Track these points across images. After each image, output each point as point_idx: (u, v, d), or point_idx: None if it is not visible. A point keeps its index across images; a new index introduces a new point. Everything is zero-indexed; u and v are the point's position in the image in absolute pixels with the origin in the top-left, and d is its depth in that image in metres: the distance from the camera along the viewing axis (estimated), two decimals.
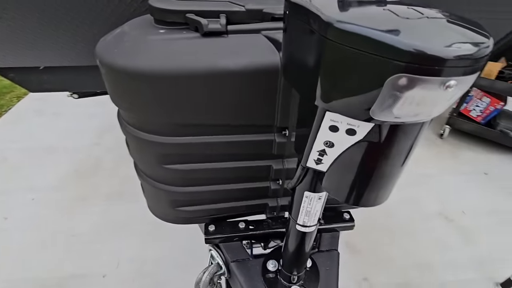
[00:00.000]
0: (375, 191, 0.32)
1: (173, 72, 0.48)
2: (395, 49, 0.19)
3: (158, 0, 0.55)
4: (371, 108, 0.22)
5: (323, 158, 0.31)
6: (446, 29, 0.21)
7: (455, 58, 0.19)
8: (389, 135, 0.26)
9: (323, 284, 0.68)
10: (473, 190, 2.07)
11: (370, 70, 0.21)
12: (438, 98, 0.21)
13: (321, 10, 0.25)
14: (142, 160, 0.67)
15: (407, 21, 0.21)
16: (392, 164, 0.29)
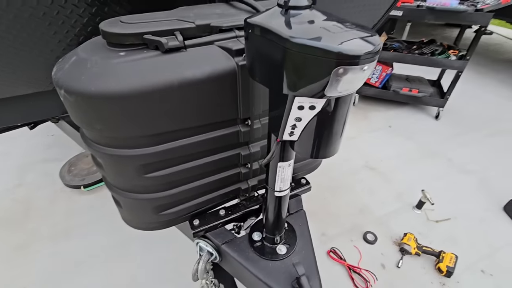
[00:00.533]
0: (330, 144, 0.46)
1: (147, 89, 0.54)
2: (335, 53, 0.33)
3: (110, 25, 0.60)
4: (324, 90, 0.36)
5: (295, 130, 0.45)
6: (357, 36, 0.36)
7: (365, 53, 0.33)
8: (335, 105, 0.41)
9: (300, 237, 0.84)
10: (384, 141, 2.57)
11: (320, 66, 0.34)
12: (360, 77, 0.35)
13: (279, 30, 0.37)
14: (120, 176, 0.70)
15: (336, 34, 0.35)
16: (338, 124, 0.44)
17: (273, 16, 0.41)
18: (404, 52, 2.72)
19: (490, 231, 1.80)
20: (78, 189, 2.00)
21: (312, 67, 0.35)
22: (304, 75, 0.37)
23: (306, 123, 0.43)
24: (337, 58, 0.33)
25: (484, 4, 2.24)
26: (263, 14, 0.43)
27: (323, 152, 0.47)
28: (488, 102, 3.19)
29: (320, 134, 0.44)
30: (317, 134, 0.44)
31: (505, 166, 2.30)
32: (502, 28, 5.45)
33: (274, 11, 0.42)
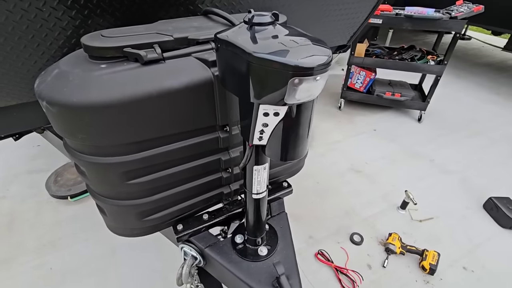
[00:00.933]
0: (297, 147, 0.50)
1: (128, 98, 0.57)
2: (290, 66, 0.37)
3: (92, 39, 0.63)
4: (284, 98, 0.40)
5: (263, 135, 0.48)
6: (311, 50, 0.40)
7: (317, 66, 0.38)
8: (297, 111, 0.45)
9: (281, 238, 0.87)
10: (369, 144, 2.64)
11: (278, 77, 0.38)
12: (314, 86, 0.39)
13: (244, 45, 0.41)
14: (103, 183, 0.72)
15: (291, 49, 0.39)
16: (303, 128, 0.48)
17: (239, 32, 0.45)
18: (385, 58, 2.82)
19: (470, 229, 1.86)
20: (64, 199, 1.98)
21: (272, 78, 0.39)
22: (266, 85, 0.41)
23: (272, 128, 0.46)
24: (292, 70, 0.37)
25: (458, 12, 2.36)
26: (231, 29, 0.47)
27: (291, 154, 0.51)
28: (467, 104, 3.32)
29: (287, 138, 0.48)
30: (284, 138, 0.48)
31: (483, 165, 2.39)
32: (480, 33, 5.70)
33: (241, 27, 0.46)
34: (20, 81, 0.80)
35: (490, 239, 1.80)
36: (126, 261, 1.64)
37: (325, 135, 2.75)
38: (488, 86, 3.74)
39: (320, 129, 2.83)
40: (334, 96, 3.38)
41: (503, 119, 3.05)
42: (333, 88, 3.58)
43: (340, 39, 1.62)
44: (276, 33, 0.44)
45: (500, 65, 4.36)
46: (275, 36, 0.43)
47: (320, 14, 1.31)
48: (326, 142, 2.65)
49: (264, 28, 0.44)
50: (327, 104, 3.26)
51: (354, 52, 2.77)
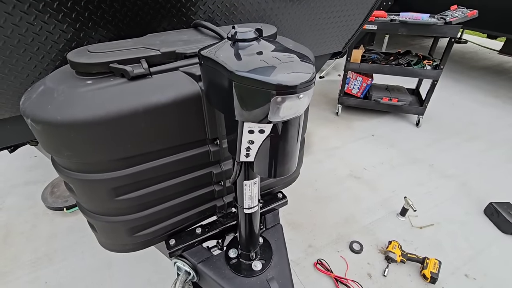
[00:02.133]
0: (285, 164, 0.49)
1: (114, 115, 0.56)
2: (272, 85, 0.36)
3: (77, 55, 0.62)
4: (268, 116, 0.39)
5: (249, 152, 0.47)
6: (294, 67, 0.39)
7: (300, 83, 0.37)
8: (283, 128, 0.43)
9: (276, 251, 0.86)
10: (367, 150, 2.63)
11: (261, 95, 0.37)
12: (297, 104, 0.38)
13: (226, 62, 0.40)
14: (92, 200, 0.71)
15: (273, 66, 0.38)
16: (290, 145, 0.47)
17: (222, 49, 0.44)
18: (382, 63, 2.82)
19: (471, 235, 1.84)
20: (61, 211, 1.96)
21: (254, 96, 0.38)
22: (248, 103, 0.40)
23: (258, 146, 0.45)
24: (275, 89, 0.36)
25: (453, 17, 2.37)
26: (215, 46, 0.46)
27: (280, 171, 0.50)
28: (465, 107, 3.32)
29: (274, 155, 0.47)
30: (271, 155, 0.47)
31: (483, 170, 2.37)
32: (476, 36, 5.73)
33: (224, 44, 0.45)
34: (13, 94, 0.79)
35: (491, 245, 1.77)
36: (122, 274, 1.61)
37: (323, 141, 2.74)
38: (486, 89, 3.74)
39: (318, 135, 2.82)
40: (331, 102, 3.38)
41: (502, 122, 3.04)
42: (331, 93, 3.58)
43: (335, 46, 1.62)
44: (260, 49, 0.43)
45: (497, 68, 4.37)
46: (259, 53, 0.42)
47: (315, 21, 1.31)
48: (324, 149, 2.63)
49: (248, 44, 0.43)
50: (324, 110, 3.26)
51: (350, 58, 2.78)
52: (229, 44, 0.45)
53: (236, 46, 0.43)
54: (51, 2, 0.68)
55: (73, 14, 0.72)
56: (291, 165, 0.50)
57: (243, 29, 0.44)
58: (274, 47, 0.44)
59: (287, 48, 0.44)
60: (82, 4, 0.72)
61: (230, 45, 0.44)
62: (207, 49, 0.46)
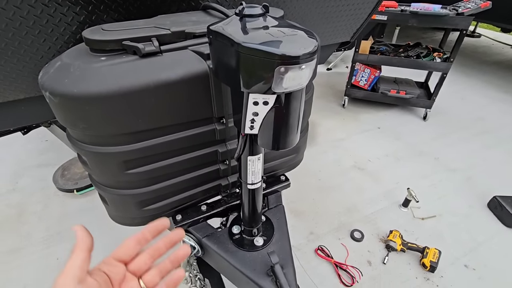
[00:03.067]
0: (288, 136, 0.52)
1: (126, 89, 0.59)
2: (276, 55, 0.38)
3: (92, 32, 0.65)
4: (272, 86, 0.41)
5: (254, 124, 0.50)
6: (298, 40, 0.41)
7: (302, 55, 0.39)
8: (286, 99, 0.46)
9: (277, 229, 0.89)
10: (373, 142, 2.63)
11: (265, 65, 0.40)
12: (300, 75, 0.41)
13: (234, 35, 0.43)
14: (104, 173, 0.74)
15: (278, 39, 0.41)
16: (292, 117, 0.49)
17: (230, 24, 0.46)
18: (390, 55, 2.79)
19: (473, 227, 1.85)
20: (71, 193, 2.03)
21: (259, 67, 0.40)
22: (254, 74, 0.42)
23: (263, 117, 0.48)
24: (278, 59, 0.38)
25: (465, 8, 2.32)
26: (223, 22, 0.48)
27: (283, 143, 0.52)
28: (474, 102, 3.27)
29: (277, 127, 0.50)
30: (274, 127, 0.50)
31: (489, 164, 2.36)
32: (490, 30, 5.59)
33: (232, 19, 0.47)
34: (27, 75, 0.83)
35: (493, 237, 1.78)
36: None
37: (328, 133, 2.75)
38: (497, 84, 3.67)
39: (323, 127, 2.83)
40: (338, 94, 3.37)
41: (511, 117, 2.99)
42: (338, 85, 3.57)
43: (343, 36, 1.62)
44: (266, 24, 0.45)
45: (509, 63, 4.27)
46: (265, 27, 0.44)
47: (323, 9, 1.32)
48: (329, 140, 2.64)
49: (255, 20, 0.46)
50: (331, 102, 3.25)
51: (358, 50, 2.76)
52: (237, 19, 0.47)
53: (244, 21, 0.45)
54: None
55: None
56: (293, 138, 0.53)
57: (250, 5, 0.47)
58: (280, 23, 0.46)
59: (292, 24, 0.46)
60: None
61: (238, 20, 0.46)
62: (216, 24, 0.49)
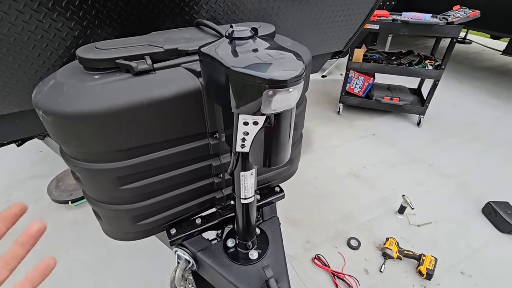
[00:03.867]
0: (278, 154, 0.52)
1: (119, 107, 0.60)
2: (264, 79, 0.39)
3: (85, 51, 0.66)
4: (260, 108, 0.42)
5: (245, 142, 0.50)
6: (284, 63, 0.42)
7: (290, 78, 0.40)
8: (276, 120, 0.47)
9: (272, 242, 0.89)
10: (368, 149, 2.65)
11: (254, 89, 0.41)
12: (288, 97, 0.42)
13: (223, 58, 0.44)
14: (97, 189, 0.74)
15: (266, 62, 0.42)
16: (283, 136, 0.50)
17: (220, 46, 0.47)
18: (383, 63, 2.84)
19: (469, 234, 1.86)
20: (65, 204, 2.02)
21: (248, 90, 0.41)
22: (243, 97, 0.43)
23: (253, 137, 0.49)
24: (266, 83, 0.39)
25: (455, 17, 2.38)
26: (214, 44, 0.50)
27: (274, 161, 0.53)
28: (467, 108, 3.32)
29: (268, 145, 0.51)
30: (265, 146, 0.51)
31: (482, 170, 2.39)
32: (480, 37, 5.71)
33: (222, 41, 0.49)
34: (22, 89, 0.83)
35: (488, 244, 1.79)
36: (124, 265, 1.66)
37: (324, 140, 2.76)
38: (488, 90, 3.73)
39: (319, 134, 2.85)
40: (333, 101, 3.40)
41: (503, 123, 3.04)
42: (332, 92, 3.60)
43: (336, 45, 1.65)
44: (255, 47, 0.46)
45: (500, 69, 4.36)
46: (254, 50, 0.46)
47: (315, 21, 1.34)
48: (325, 147, 2.66)
49: (243, 42, 0.47)
50: (326, 109, 3.28)
51: (352, 58, 2.80)
52: (226, 42, 0.48)
53: (233, 44, 0.47)
54: (60, 1, 0.72)
55: (80, 12, 0.76)
56: (284, 156, 0.54)
57: (240, 28, 0.48)
58: (268, 45, 0.47)
59: (281, 46, 0.48)
60: (89, 2, 0.76)
61: (227, 43, 0.48)
62: (206, 46, 0.50)
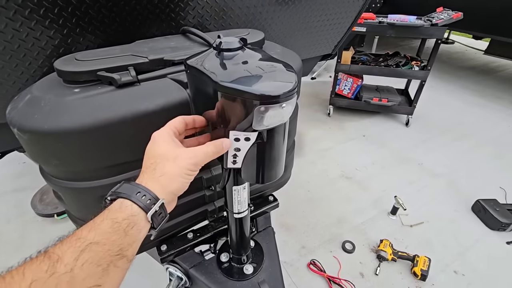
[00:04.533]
0: (271, 169, 0.50)
1: (102, 123, 0.56)
2: (255, 95, 0.37)
3: (64, 63, 0.62)
4: (252, 124, 0.40)
5: (236, 159, 0.48)
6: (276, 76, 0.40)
7: (283, 93, 0.38)
8: (268, 135, 0.44)
9: (267, 255, 0.87)
10: (359, 150, 2.67)
11: (245, 105, 0.38)
12: (281, 113, 0.40)
13: (210, 72, 0.41)
14: (82, 208, 0.70)
15: (257, 76, 0.39)
16: (276, 151, 0.48)
17: (208, 59, 0.45)
18: (371, 64, 2.87)
19: (460, 232, 1.88)
20: (51, 217, 1.93)
21: (238, 106, 0.39)
22: (233, 112, 0.40)
23: (245, 153, 0.46)
24: (258, 99, 0.37)
25: (438, 19, 2.42)
26: (201, 55, 0.47)
27: (267, 177, 0.51)
28: (453, 107, 3.39)
29: (261, 161, 0.48)
30: (258, 162, 0.48)
31: (470, 168, 2.43)
32: (462, 37, 5.86)
33: (209, 53, 0.46)
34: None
35: (479, 241, 1.82)
36: None
37: (315, 142, 2.76)
38: (473, 89, 3.83)
39: (310, 136, 2.85)
40: (323, 103, 3.41)
41: (488, 121, 3.12)
42: (322, 95, 3.62)
43: (325, 49, 1.64)
44: (244, 59, 0.44)
45: (483, 68, 4.48)
46: (244, 62, 0.43)
47: (304, 25, 1.33)
48: (316, 149, 2.66)
49: (232, 54, 0.44)
50: (316, 111, 3.29)
51: (340, 60, 2.82)
52: (214, 53, 0.46)
53: (221, 56, 0.44)
54: (38, 9, 0.68)
55: (60, 20, 0.72)
56: (278, 171, 0.51)
57: (228, 39, 0.45)
58: (259, 56, 0.45)
59: (271, 57, 0.45)
60: (69, 10, 0.72)
61: (215, 54, 0.45)
62: (193, 58, 0.47)
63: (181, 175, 0.44)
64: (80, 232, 0.37)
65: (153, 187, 0.43)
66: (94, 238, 0.36)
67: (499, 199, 2.00)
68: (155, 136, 0.48)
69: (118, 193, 0.42)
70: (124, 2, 0.77)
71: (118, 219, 0.39)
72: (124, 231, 0.38)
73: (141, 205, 0.41)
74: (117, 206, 0.41)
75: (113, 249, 0.37)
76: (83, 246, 0.35)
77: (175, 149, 0.45)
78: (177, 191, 0.46)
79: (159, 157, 0.45)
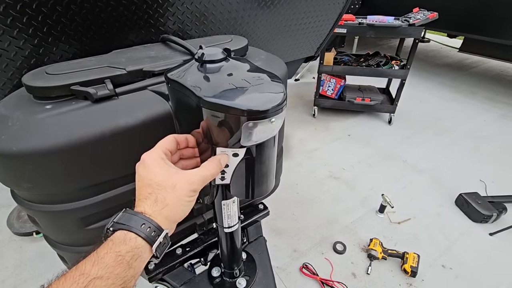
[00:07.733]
0: (261, 185, 0.48)
1: (76, 142, 0.52)
2: (242, 110, 0.35)
3: (34, 78, 0.58)
4: (240, 141, 0.37)
5: (225, 175, 0.45)
6: (263, 89, 0.38)
7: (271, 107, 0.36)
8: (257, 150, 0.42)
9: (260, 266, 0.84)
10: (345, 150, 2.69)
11: (231, 121, 0.36)
12: (270, 127, 0.38)
13: (194, 87, 0.38)
14: (60, 232, 0.66)
15: (243, 89, 0.37)
16: (266, 165, 0.46)
17: (190, 71, 0.42)
18: (353, 65, 2.91)
19: (445, 226, 1.93)
20: (30, 236, 1.83)
21: (225, 122, 0.37)
22: (219, 129, 0.38)
23: (233, 169, 0.44)
24: (246, 115, 0.35)
25: (415, 19, 2.49)
26: (182, 68, 0.44)
27: (257, 192, 0.49)
28: (432, 103, 3.50)
29: (250, 177, 0.46)
30: (247, 177, 0.46)
31: (451, 162, 2.51)
32: (437, 35, 6.09)
33: (192, 65, 0.43)
34: None
35: (463, 234, 1.87)
36: None
37: (301, 144, 2.77)
38: (449, 85, 3.97)
39: (296, 138, 2.85)
40: (308, 104, 3.43)
41: (464, 115, 3.24)
42: (306, 96, 3.64)
43: (308, 51, 1.65)
44: (229, 71, 0.41)
45: (458, 65, 4.66)
46: (229, 74, 0.41)
47: (286, 28, 1.32)
48: (303, 151, 2.66)
49: (216, 66, 0.42)
50: (301, 112, 3.30)
51: (323, 61, 2.84)
52: (196, 66, 0.43)
53: (204, 68, 0.42)
54: (4, 18, 0.63)
55: (29, 29, 0.67)
56: (268, 185, 0.49)
57: (211, 50, 0.43)
58: (244, 66, 0.43)
59: (257, 67, 0.43)
60: (40, 18, 0.67)
61: (197, 67, 0.43)
62: (174, 70, 0.44)
63: (182, 203, 0.43)
64: (83, 266, 0.36)
65: (158, 219, 0.42)
66: (98, 273, 0.35)
67: (480, 192, 2.07)
68: (146, 161, 0.44)
69: (122, 225, 0.40)
70: (100, 9, 0.73)
71: (122, 252, 0.37)
72: (128, 264, 0.37)
73: (146, 238, 0.39)
74: (121, 238, 0.39)
75: (117, 282, 0.36)
76: (87, 282, 0.34)
77: (171, 176, 0.42)
78: (180, 219, 0.45)
79: (157, 187, 0.42)
